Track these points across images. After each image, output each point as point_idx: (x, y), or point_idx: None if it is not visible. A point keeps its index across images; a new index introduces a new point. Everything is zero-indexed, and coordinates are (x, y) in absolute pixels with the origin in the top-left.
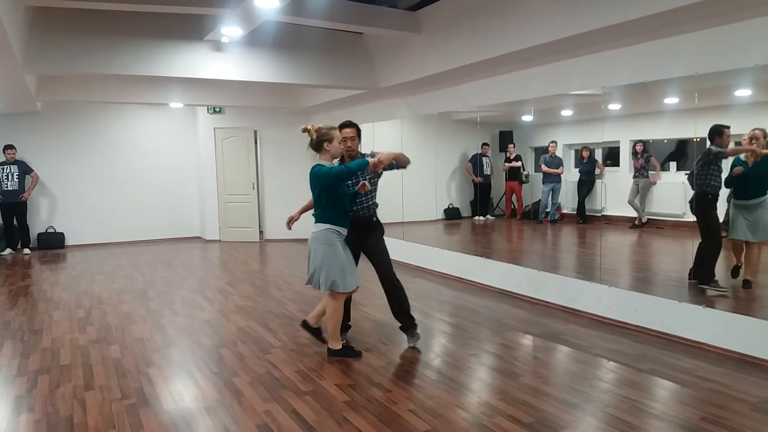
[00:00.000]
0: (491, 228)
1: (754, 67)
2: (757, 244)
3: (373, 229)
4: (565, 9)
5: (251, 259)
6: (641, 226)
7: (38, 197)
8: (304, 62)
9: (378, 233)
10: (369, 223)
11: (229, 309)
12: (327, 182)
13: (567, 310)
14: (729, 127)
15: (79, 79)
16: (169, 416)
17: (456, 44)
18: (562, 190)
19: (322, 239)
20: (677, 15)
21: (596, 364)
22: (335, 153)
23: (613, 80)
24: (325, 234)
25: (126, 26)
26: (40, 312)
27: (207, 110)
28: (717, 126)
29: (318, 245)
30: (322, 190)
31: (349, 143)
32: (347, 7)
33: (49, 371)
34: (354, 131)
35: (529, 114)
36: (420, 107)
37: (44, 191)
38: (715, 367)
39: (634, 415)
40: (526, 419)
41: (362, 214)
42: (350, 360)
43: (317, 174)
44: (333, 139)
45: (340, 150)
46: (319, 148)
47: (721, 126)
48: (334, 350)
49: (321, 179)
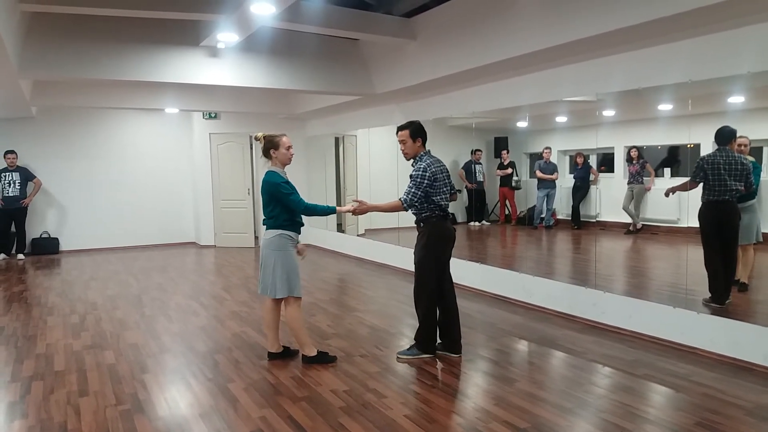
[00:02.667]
0: (486, 234)
1: (747, 74)
2: (750, 246)
3: (418, 234)
4: (559, 17)
5: (246, 264)
6: (636, 232)
7: (33, 202)
8: (299, 68)
9: (417, 243)
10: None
11: (224, 315)
12: (278, 197)
13: (562, 315)
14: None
15: (74, 85)
16: (164, 422)
17: (451, 51)
18: (557, 196)
19: (276, 245)
20: (671, 23)
21: (591, 369)
22: (283, 159)
23: (607, 87)
24: (278, 240)
25: (122, 32)
26: (34, 317)
27: (202, 116)
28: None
29: (271, 252)
30: (272, 198)
31: (293, 151)
32: (343, 14)
33: (43, 377)
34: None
35: (523, 120)
36: (415, 113)
37: (39, 196)
38: (710, 372)
39: (629, 420)
40: (521, 424)
41: None
42: (345, 365)
43: (271, 183)
44: (279, 146)
45: (287, 156)
46: (267, 154)
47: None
48: (309, 357)
49: (273, 190)
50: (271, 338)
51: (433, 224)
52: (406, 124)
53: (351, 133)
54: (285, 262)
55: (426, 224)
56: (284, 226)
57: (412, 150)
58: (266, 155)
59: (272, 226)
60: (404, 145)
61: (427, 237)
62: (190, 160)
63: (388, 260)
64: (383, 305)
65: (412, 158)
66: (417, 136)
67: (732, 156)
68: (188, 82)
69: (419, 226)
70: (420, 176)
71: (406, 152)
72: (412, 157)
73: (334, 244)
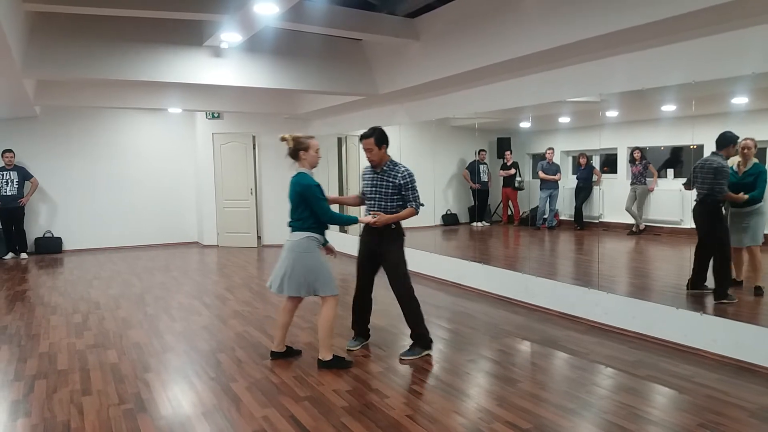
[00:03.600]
0: (489, 234)
1: (751, 75)
2: (757, 248)
3: (385, 237)
4: (562, 17)
5: (249, 264)
6: (639, 232)
7: (36, 202)
8: (303, 68)
9: (390, 244)
10: (382, 230)
11: (226, 314)
12: (308, 199)
13: (564, 316)
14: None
15: (78, 84)
16: (167, 421)
17: (454, 51)
18: (560, 197)
19: (304, 248)
20: (674, 23)
21: (594, 370)
22: (312, 162)
23: (611, 87)
24: (306, 242)
25: (125, 32)
26: (37, 317)
27: (206, 116)
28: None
29: (299, 254)
30: (303, 200)
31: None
32: (346, 14)
33: (46, 376)
34: None
35: (526, 121)
36: (418, 113)
37: (42, 196)
38: (713, 373)
39: (632, 422)
40: (524, 425)
41: None
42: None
43: (304, 185)
44: (309, 148)
45: (316, 159)
46: (295, 156)
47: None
48: (325, 361)
49: (306, 192)
50: (279, 338)
51: (399, 225)
52: (369, 132)
53: (354, 133)
54: (315, 263)
55: (398, 225)
56: (312, 229)
57: (378, 157)
58: (294, 157)
59: (300, 228)
60: (370, 153)
61: (401, 237)
62: (193, 160)
63: None
64: (385, 305)
65: (379, 165)
66: (382, 143)
67: (709, 160)
68: (191, 82)
69: (390, 227)
70: (413, 180)
71: (373, 159)
72: (378, 163)
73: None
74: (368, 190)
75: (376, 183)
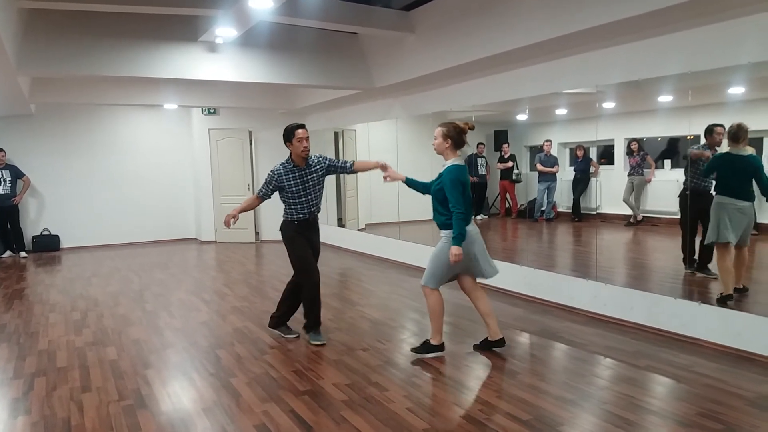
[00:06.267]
0: (487, 227)
1: (747, 65)
2: (747, 248)
3: (317, 229)
4: (558, 8)
5: (247, 260)
6: (636, 223)
7: (33, 200)
8: (298, 63)
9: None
10: (316, 222)
11: (225, 310)
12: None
13: (563, 307)
14: (722, 126)
15: (73, 81)
16: (167, 417)
17: (450, 44)
18: (558, 189)
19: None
20: (671, 13)
21: (593, 361)
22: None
23: (607, 78)
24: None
25: (120, 28)
26: (36, 314)
27: (201, 111)
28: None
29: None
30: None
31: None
32: (341, 8)
33: (45, 373)
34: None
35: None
36: (414, 107)
37: (39, 194)
38: (711, 362)
39: (631, 412)
40: (523, 416)
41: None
42: (347, 359)
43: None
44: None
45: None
46: (460, 145)
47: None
48: (432, 345)
49: (455, 187)
50: (492, 323)
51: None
52: (301, 124)
53: (350, 127)
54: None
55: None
56: None
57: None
58: (459, 146)
59: (446, 223)
60: (308, 142)
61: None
62: (190, 156)
63: (388, 254)
64: (384, 299)
65: (305, 160)
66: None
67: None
68: (187, 77)
69: (317, 220)
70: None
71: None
72: (305, 159)
73: (335, 239)
74: (298, 189)
75: (306, 179)
